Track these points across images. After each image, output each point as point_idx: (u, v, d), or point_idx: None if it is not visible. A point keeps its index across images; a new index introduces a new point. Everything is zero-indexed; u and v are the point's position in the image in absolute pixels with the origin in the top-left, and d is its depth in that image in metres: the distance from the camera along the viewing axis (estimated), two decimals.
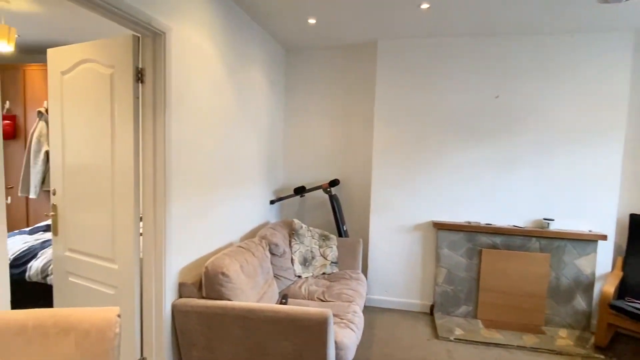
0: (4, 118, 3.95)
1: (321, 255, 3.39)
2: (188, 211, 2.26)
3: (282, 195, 3.96)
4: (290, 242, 3.29)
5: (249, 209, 3.23)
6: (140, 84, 2.00)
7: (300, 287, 2.96)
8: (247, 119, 3.06)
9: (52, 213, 2.35)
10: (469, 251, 3.42)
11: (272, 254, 2.91)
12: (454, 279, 3.46)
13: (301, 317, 1.93)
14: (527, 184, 3.34)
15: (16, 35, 3.66)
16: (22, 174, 3.84)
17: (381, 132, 3.55)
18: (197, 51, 2.26)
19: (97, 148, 2.13)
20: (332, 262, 3.37)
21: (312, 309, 1.96)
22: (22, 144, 4.03)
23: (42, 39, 3.72)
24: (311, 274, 3.26)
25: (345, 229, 3.70)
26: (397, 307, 3.65)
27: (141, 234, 2.10)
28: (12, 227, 4.14)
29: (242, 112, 2.96)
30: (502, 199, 3.40)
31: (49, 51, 2.28)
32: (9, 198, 4.13)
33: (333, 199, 3.63)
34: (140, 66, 1.99)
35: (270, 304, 2.02)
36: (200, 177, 2.38)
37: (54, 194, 2.35)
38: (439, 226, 3.42)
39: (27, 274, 2.85)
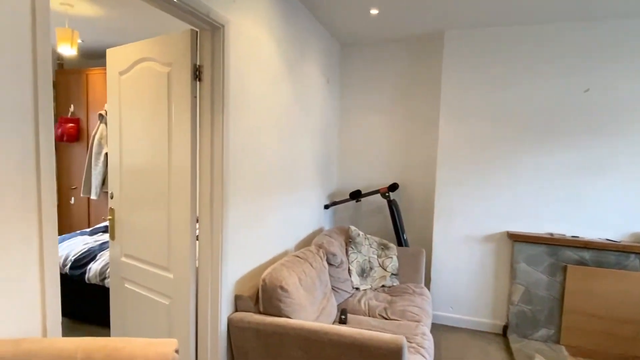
0: (68, 121, 4.08)
1: (380, 265, 3.13)
2: (244, 217, 2.11)
3: (336, 200, 3.74)
4: (346, 251, 3.07)
5: (304, 214, 3.05)
6: (198, 82, 1.86)
7: (359, 300, 2.72)
8: (303, 119, 2.87)
9: (109, 217, 2.29)
10: (551, 267, 2.99)
11: (329, 264, 2.70)
12: (533, 298, 3.05)
13: (371, 343, 1.69)
14: (623, 192, 2.86)
15: (80, 40, 3.76)
16: (84, 175, 3.95)
17: (447, 131, 3.22)
18: (255, 46, 2.10)
19: (153, 150, 2.04)
20: (392, 274, 3.10)
21: (383, 334, 1.71)
22: (85, 146, 4.16)
23: (103, 43, 3.80)
24: (370, 286, 3.01)
25: (405, 237, 3.41)
26: (464, 326, 3.30)
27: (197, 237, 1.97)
28: (75, 227, 4.28)
29: (299, 111, 2.78)
30: (591, 208, 2.94)
31: (108, 52, 2.23)
32: (73, 199, 4.28)
33: (392, 205, 3.36)
34: (198, 63, 1.85)
35: (335, 326, 1.80)
36: (257, 181, 2.22)
37: (112, 197, 2.30)
38: (516, 237, 3.03)
39: (86, 276, 2.86)
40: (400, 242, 3.38)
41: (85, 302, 3.06)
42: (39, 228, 1.02)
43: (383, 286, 3.05)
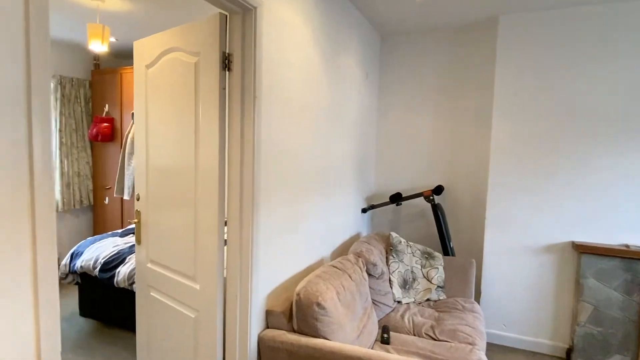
0: (103, 121, 4.07)
1: (424, 277, 2.84)
2: (276, 223, 1.90)
3: (374, 203, 3.48)
4: (387, 259, 2.80)
5: (340, 219, 2.81)
6: (227, 72, 1.67)
7: (402, 316, 2.45)
8: (340, 116, 2.64)
9: (135, 220, 2.16)
10: (626, 284, 2.58)
11: (368, 274, 2.45)
12: (604, 319, 2.65)
13: None
14: None
15: (113, 39, 3.72)
16: (117, 175, 3.91)
17: (502, 130, 2.88)
18: (289, 33, 1.89)
19: (180, 148, 1.87)
20: (438, 287, 2.80)
21: None
22: (119, 145, 4.13)
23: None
24: (413, 300, 2.72)
25: (452, 245, 3.09)
26: (520, 347, 2.93)
27: (225, 241, 1.78)
28: (109, 227, 4.27)
29: (336, 107, 2.55)
30: None
31: (135, 44, 2.10)
32: (107, 198, 4.27)
33: (437, 209, 3.05)
34: (227, 51, 1.66)
35: (382, 354, 1.55)
36: (290, 183, 2.01)
37: (138, 199, 2.16)
38: (583, 249, 2.64)
39: (115, 280, 2.77)
40: (447, 250, 3.07)
41: (115, 306, 2.97)
42: (32, 237, 0.84)
43: (428, 300, 2.75)
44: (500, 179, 2.90)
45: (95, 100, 4.25)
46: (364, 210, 3.27)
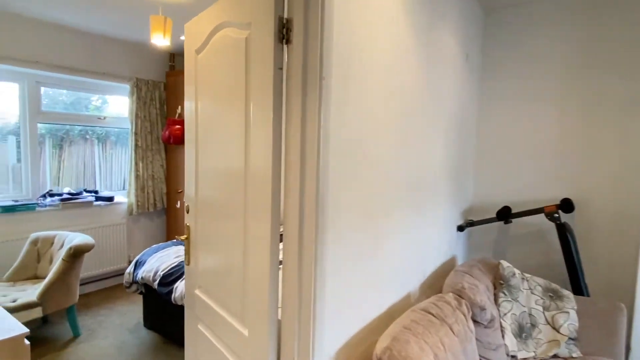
0: (175, 123, 3.97)
1: (548, 323, 2.10)
2: (349, 248, 1.39)
3: (473, 219, 2.78)
4: (495, 297, 2.12)
5: (432, 240, 2.20)
6: (285, 46, 1.22)
7: None
8: (434, 110, 2.04)
9: (184, 236, 1.82)
10: None
11: (474, 321, 1.82)
12: None
13: None
14: None
15: (182, 37, 3.56)
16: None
17: None
18: None
19: (229, 149, 1.47)
20: (569, 339, 2.04)
21: None
22: None
23: None
24: (533, 354, 2.01)
25: (585, 282, 2.29)
26: None
27: (280, 263, 1.33)
28: (180, 232, 4.16)
29: (429, 99, 1.96)
30: None
31: (186, 27, 1.76)
32: (178, 202, 4.17)
33: (565, 231, 2.28)
34: (285, 16, 1.21)
35: None
36: (367, 195, 1.49)
37: (187, 211, 1.82)
38: None
39: (172, 296, 2.51)
40: (578, 288, 2.28)
41: (174, 323, 2.73)
42: None
43: (555, 356, 2.02)
44: None
45: (170, 102, 4.19)
46: (460, 228, 2.61)
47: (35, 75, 3.36)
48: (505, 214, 2.49)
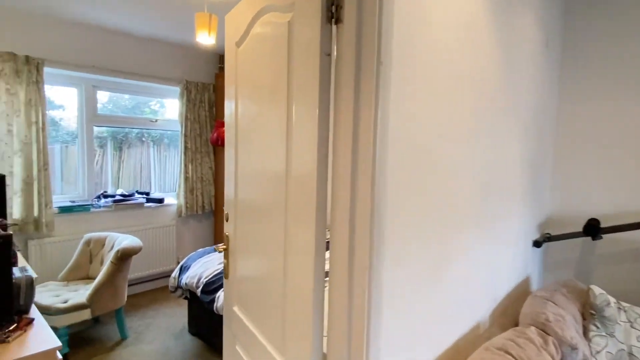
0: (223, 125, 3.91)
1: None
2: (408, 271, 1.15)
3: (550, 234, 2.38)
4: (584, 330, 1.75)
5: (505, 258, 1.87)
6: (334, 27, 1.01)
7: None
8: (510, 101, 1.72)
9: (223, 246, 1.68)
10: None
11: None
12: None
13: None
14: None
15: None
16: None
17: None
18: None
19: (268, 149, 1.29)
20: None
21: None
22: None
23: None
24: None
25: None
26: None
27: (326, 282, 1.11)
28: None
29: (504, 89, 1.65)
30: None
31: (227, 18, 1.61)
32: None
33: None
34: None
35: None
36: (432, 207, 1.23)
37: (227, 219, 1.67)
38: None
39: (215, 305, 2.39)
40: None
41: (217, 332, 2.63)
42: None
43: None
44: None
45: (218, 104, 4.16)
46: (537, 244, 2.23)
47: (91, 79, 3.46)
48: (595, 229, 2.08)
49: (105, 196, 3.61)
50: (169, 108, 4.18)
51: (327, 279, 1.09)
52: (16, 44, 2.94)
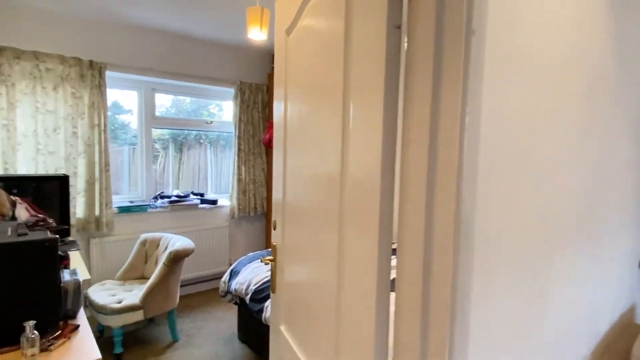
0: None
1: None
2: (495, 313, 0.89)
3: None
4: None
5: (608, 284, 1.52)
6: (403, 5, 0.79)
7: None
8: (622, 97, 1.38)
9: (270, 258, 1.52)
10: None
11: None
12: None
13: None
14: None
15: None
16: None
17: None
18: None
19: (321, 152, 1.10)
20: None
21: None
22: None
23: None
24: None
25: None
26: None
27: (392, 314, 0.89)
28: None
29: (618, 81, 1.31)
30: None
31: (277, 3, 1.45)
32: None
33: None
34: None
35: None
36: (529, 222, 0.95)
37: (274, 227, 1.51)
38: None
39: (263, 315, 2.26)
40: None
41: (266, 341, 2.50)
42: None
43: None
44: None
45: (271, 105, 4.08)
46: None
47: (150, 82, 3.53)
48: None
49: (162, 197, 3.67)
50: (226, 110, 4.20)
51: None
52: (81, 49, 3.05)
